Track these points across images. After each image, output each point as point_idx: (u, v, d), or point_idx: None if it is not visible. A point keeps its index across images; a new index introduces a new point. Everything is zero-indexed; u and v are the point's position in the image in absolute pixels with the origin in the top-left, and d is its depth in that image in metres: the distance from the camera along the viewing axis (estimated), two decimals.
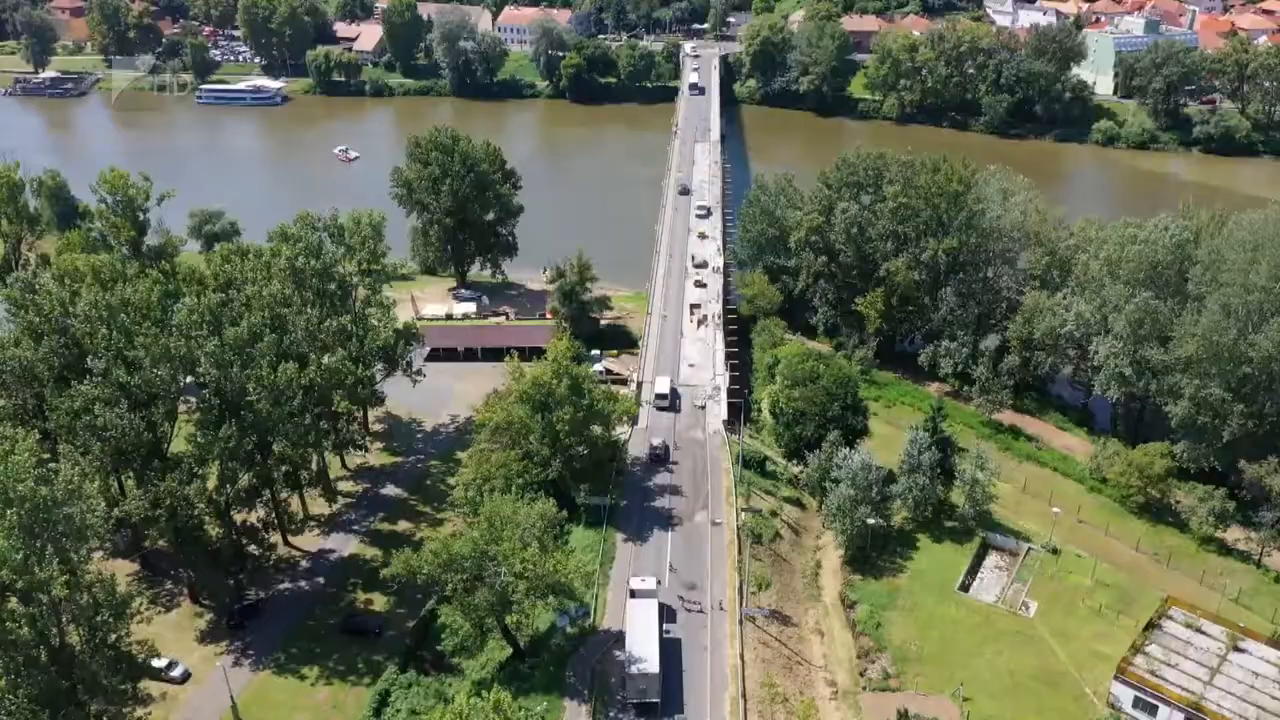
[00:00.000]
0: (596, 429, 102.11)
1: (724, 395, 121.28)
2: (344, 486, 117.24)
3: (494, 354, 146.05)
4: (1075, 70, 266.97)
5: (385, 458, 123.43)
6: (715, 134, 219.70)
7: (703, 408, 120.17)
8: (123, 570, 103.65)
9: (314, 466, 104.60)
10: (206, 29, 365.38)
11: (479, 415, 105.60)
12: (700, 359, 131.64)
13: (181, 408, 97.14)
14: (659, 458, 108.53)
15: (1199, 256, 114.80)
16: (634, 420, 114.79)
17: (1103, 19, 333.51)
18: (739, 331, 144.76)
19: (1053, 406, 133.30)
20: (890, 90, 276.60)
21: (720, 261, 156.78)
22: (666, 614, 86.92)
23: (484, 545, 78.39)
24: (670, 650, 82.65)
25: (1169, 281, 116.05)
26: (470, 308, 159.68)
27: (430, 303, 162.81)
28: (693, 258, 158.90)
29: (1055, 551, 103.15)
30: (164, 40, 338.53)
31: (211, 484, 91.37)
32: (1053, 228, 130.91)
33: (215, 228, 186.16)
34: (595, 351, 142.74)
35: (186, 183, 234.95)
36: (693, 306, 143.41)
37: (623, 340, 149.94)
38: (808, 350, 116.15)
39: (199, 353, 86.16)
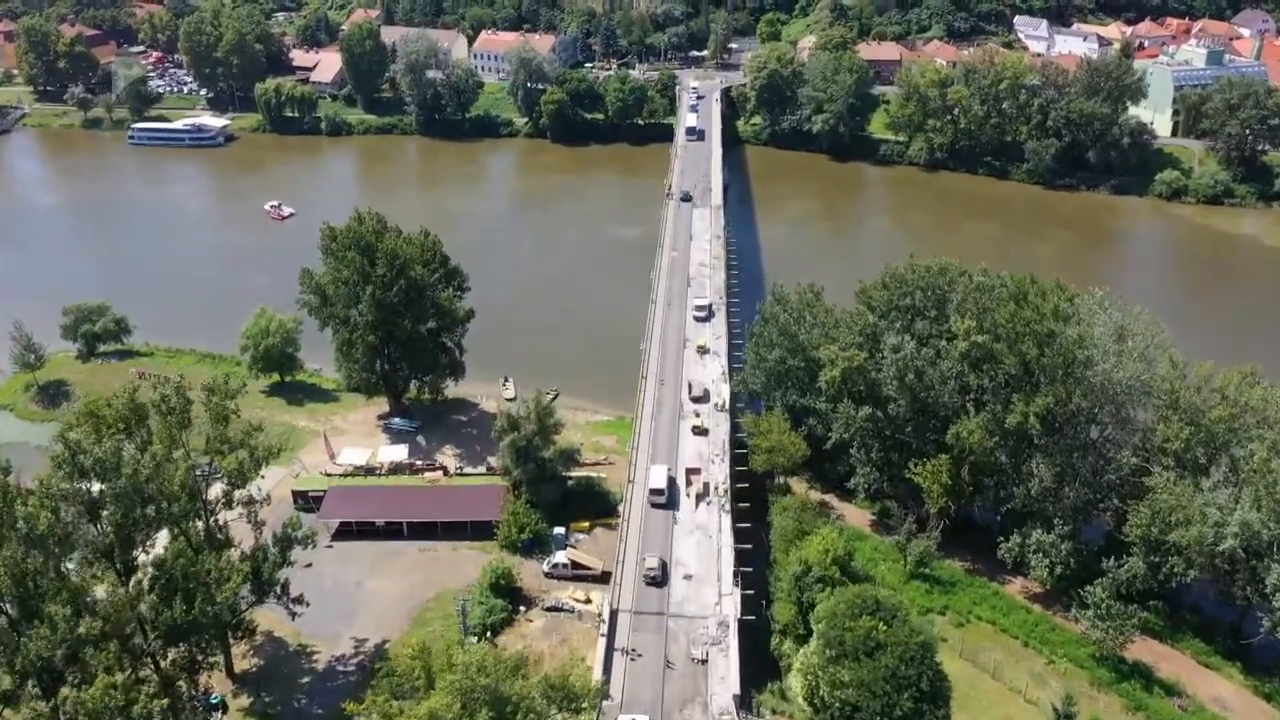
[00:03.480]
0: None
1: (734, 639, 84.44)
2: None
3: (426, 530, 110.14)
4: (1131, 109, 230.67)
5: None
6: (717, 196, 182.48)
7: (704, 662, 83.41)
8: None
9: None
10: (154, 55, 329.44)
11: None
12: (699, 565, 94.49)
13: None
14: (655, 581, 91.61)
15: None
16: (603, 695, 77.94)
17: (1149, 44, 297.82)
18: (751, 492, 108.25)
19: (1188, 624, 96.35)
20: (917, 131, 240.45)
21: (726, 393, 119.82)
22: None
23: None
24: None
25: None
26: (400, 453, 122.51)
27: (349, 442, 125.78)
28: (689, 386, 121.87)
29: None
30: (99, 70, 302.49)
31: None
32: (1194, 389, 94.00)
33: (96, 327, 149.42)
34: (559, 530, 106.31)
35: (86, 253, 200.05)
36: (689, 472, 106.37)
37: (597, 505, 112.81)
38: (859, 598, 78.43)
39: None
